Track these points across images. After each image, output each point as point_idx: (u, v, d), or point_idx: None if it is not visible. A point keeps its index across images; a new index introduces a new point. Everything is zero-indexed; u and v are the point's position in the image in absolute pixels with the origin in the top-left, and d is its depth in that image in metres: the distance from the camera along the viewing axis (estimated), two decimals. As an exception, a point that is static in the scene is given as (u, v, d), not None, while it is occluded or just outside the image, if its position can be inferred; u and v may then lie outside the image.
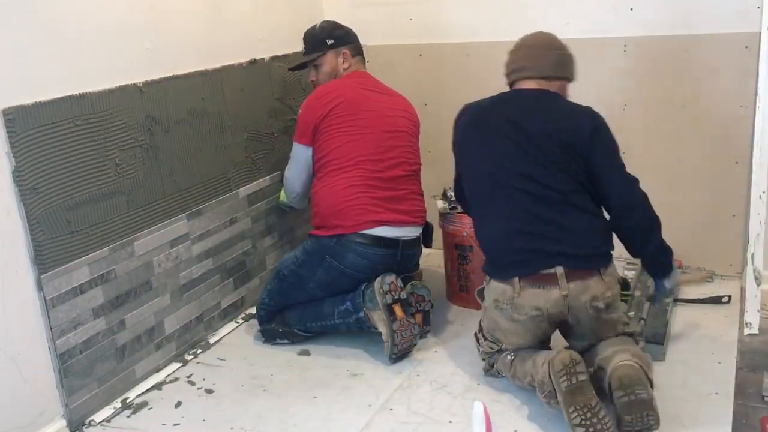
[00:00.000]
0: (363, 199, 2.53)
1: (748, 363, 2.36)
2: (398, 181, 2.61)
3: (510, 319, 2.18)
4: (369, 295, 2.47)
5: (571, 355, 1.98)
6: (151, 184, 2.42)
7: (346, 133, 2.58)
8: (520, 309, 2.15)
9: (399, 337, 2.42)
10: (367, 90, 2.69)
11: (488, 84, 3.19)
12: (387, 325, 2.42)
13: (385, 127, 2.63)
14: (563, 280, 2.10)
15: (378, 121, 2.62)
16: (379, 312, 2.44)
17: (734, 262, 2.92)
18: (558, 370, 1.96)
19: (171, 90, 2.48)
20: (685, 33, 2.83)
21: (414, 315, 2.54)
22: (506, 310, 2.18)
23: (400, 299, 2.46)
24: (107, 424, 2.24)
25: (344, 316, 2.53)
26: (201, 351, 2.66)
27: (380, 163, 2.58)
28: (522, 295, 2.13)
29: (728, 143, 2.87)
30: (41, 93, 2.03)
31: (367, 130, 2.59)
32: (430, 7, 3.23)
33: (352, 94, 2.64)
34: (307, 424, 2.18)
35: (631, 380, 1.94)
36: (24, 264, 2.03)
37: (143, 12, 2.37)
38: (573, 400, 1.92)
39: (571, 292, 2.10)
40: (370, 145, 2.58)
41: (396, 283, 2.46)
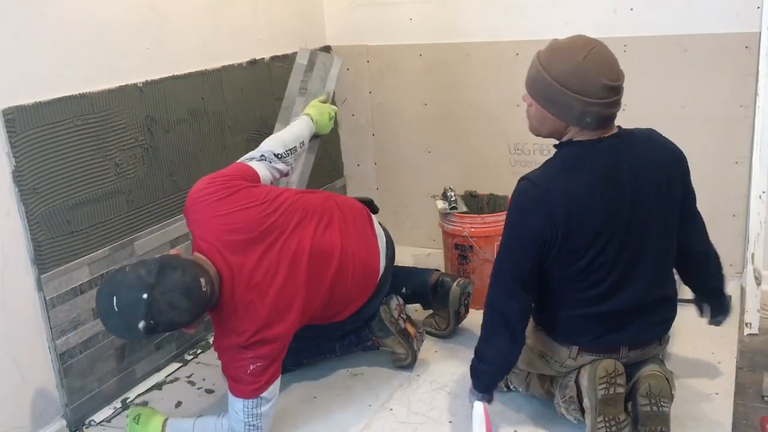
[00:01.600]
0: None
1: (748, 363, 2.36)
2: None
3: (553, 370, 2.09)
4: (377, 325, 2.39)
5: (616, 364, 1.91)
6: (151, 184, 2.42)
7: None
8: (569, 368, 2.04)
9: (419, 351, 2.44)
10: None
11: (488, 84, 3.21)
12: (406, 346, 2.40)
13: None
14: (626, 351, 1.99)
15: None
16: (394, 337, 2.39)
17: (734, 262, 2.91)
18: (600, 376, 1.89)
19: (171, 90, 2.48)
20: (685, 33, 2.83)
21: (460, 310, 2.58)
22: (554, 365, 2.06)
23: (408, 317, 2.45)
24: (107, 424, 2.24)
25: (348, 348, 2.45)
26: (201, 351, 2.66)
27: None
28: (578, 360, 2.01)
29: (728, 143, 2.87)
30: (41, 93, 2.04)
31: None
32: (430, 7, 3.23)
33: None
34: (307, 424, 2.18)
35: (660, 391, 1.92)
36: (24, 264, 2.03)
37: (143, 12, 2.37)
38: (604, 410, 1.88)
39: (629, 359, 2.00)
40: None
41: (399, 304, 2.43)
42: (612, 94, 1.80)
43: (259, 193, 2.08)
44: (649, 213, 1.89)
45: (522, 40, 3.09)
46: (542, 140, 3.08)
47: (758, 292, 2.64)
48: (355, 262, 2.22)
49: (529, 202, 1.86)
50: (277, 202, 2.09)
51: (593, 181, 1.84)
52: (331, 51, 3.39)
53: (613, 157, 1.86)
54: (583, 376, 1.96)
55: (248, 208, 2.01)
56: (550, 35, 3.03)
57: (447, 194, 2.92)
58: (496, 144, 3.26)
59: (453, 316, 2.58)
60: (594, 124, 1.83)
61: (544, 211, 1.83)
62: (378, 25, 3.32)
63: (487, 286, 1.99)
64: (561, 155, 1.91)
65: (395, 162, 3.41)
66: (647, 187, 1.88)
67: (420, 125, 3.37)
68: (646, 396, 1.92)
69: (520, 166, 3.22)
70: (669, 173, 1.93)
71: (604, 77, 1.78)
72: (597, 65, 1.79)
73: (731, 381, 2.25)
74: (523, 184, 1.88)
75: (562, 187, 1.83)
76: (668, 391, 1.94)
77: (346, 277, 2.20)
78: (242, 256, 1.95)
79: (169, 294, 1.74)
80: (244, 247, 1.97)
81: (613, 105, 1.82)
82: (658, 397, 1.91)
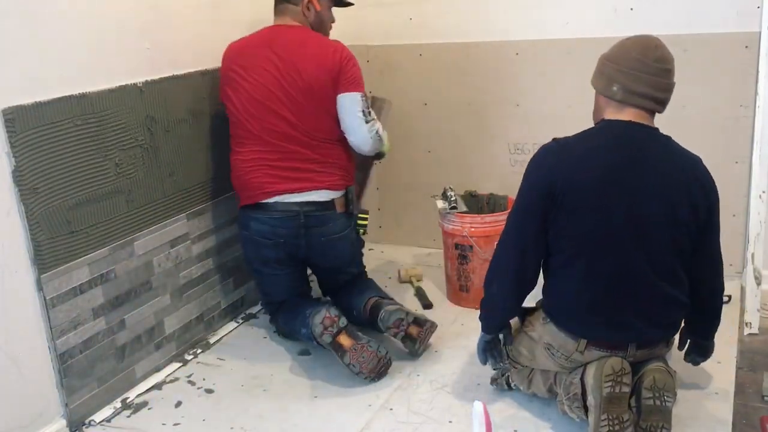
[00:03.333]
0: (258, 172, 2.50)
1: (748, 363, 2.36)
2: (294, 149, 2.49)
3: (557, 365, 2.09)
4: (315, 331, 2.37)
5: (623, 363, 1.91)
6: (151, 184, 2.42)
7: (243, 95, 2.49)
8: (576, 363, 2.05)
9: (357, 367, 2.32)
10: (263, 51, 2.49)
11: (488, 84, 3.21)
12: (340, 358, 2.34)
13: (277, 97, 2.46)
14: (633, 348, 2.00)
15: (268, 94, 2.46)
16: (329, 349, 2.37)
17: (734, 262, 2.91)
18: (607, 374, 1.89)
19: (171, 90, 2.48)
20: (685, 33, 2.83)
21: (408, 333, 2.45)
22: (559, 358, 2.07)
23: (341, 329, 2.35)
24: (107, 424, 2.24)
25: (308, 339, 2.45)
26: (201, 351, 2.66)
27: (272, 134, 2.48)
28: (585, 355, 2.02)
29: (728, 143, 2.87)
30: (41, 93, 2.03)
31: (256, 100, 2.47)
32: (430, 7, 3.23)
33: (247, 53, 2.51)
34: (307, 424, 2.18)
35: (665, 385, 1.92)
36: (24, 264, 2.03)
37: (143, 12, 2.37)
38: (608, 408, 1.88)
39: (637, 358, 2.01)
40: (262, 117, 2.47)
41: (330, 317, 2.34)
42: (641, 67, 1.94)
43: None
44: (657, 205, 1.93)
45: (522, 40, 3.10)
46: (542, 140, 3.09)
47: (758, 292, 2.64)
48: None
49: (542, 155, 2.02)
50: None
51: (606, 145, 1.96)
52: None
53: (632, 135, 1.97)
54: (588, 373, 1.96)
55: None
56: (550, 35, 3.06)
57: (447, 194, 2.92)
58: (496, 144, 3.26)
59: (406, 341, 2.47)
60: (619, 95, 1.95)
61: (552, 161, 1.98)
62: (378, 25, 3.33)
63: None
64: (589, 129, 2.05)
65: (395, 162, 3.41)
66: (661, 180, 1.94)
67: (420, 125, 3.37)
68: (650, 389, 1.92)
69: (520, 166, 3.19)
70: (690, 190, 1.96)
71: (637, 51, 1.94)
72: (637, 43, 1.97)
73: (731, 381, 2.25)
74: (546, 143, 2.04)
75: (574, 146, 1.99)
76: (672, 386, 1.94)
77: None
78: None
79: None
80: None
81: (640, 80, 1.94)
82: (662, 390, 1.92)
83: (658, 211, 1.92)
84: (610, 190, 1.92)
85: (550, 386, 2.12)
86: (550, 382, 2.12)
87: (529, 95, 3.15)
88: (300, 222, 2.51)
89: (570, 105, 3.08)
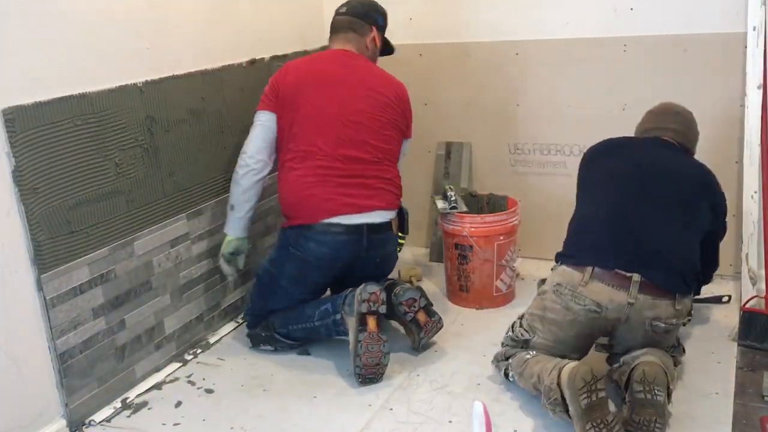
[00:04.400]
0: (318, 189, 2.45)
1: (748, 363, 2.36)
2: (360, 167, 2.50)
3: (565, 308, 2.13)
4: (349, 299, 2.40)
5: (593, 371, 1.92)
6: (151, 184, 2.42)
7: (303, 112, 2.49)
8: (580, 299, 2.10)
9: (363, 348, 2.30)
10: (330, 69, 2.57)
11: (488, 84, 3.21)
12: (354, 333, 2.32)
13: (344, 115, 2.50)
14: (635, 288, 2.05)
15: (337, 108, 2.50)
16: (353, 319, 2.35)
17: (734, 262, 2.92)
18: (579, 387, 1.90)
19: (171, 90, 2.48)
20: (685, 33, 2.83)
21: (416, 316, 2.49)
22: (565, 297, 2.13)
23: (377, 312, 2.35)
24: (107, 424, 2.24)
25: (323, 316, 2.46)
26: (201, 351, 2.66)
27: (338, 149, 2.47)
28: (588, 286, 2.08)
29: (728, 143, 2.87)
30: (41, 93, 2.03)
31: (324, 114, 2.49)
32: (430, 7, 3.23)
33: (314, 73, 2.56)
34: (307, 424, 2.18)
35: (655, 378, 1.93)
36: (24, 264, 2.03)
37: (143, 12, 2.37)
38: (590, 416, 1.89)
39: (639, 303, 2.04)
40: (327, 128, 2.47)
41: (378, 295, 2.36)
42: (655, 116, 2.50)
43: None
44: (674, 168, 2.28)
45: (522, 40, 3.10)
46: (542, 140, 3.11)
47: (754, 292, 2.64)
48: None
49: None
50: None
51: (623, 140, 2.47)
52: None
53: (650, 135, 2.44)
54: (563, 381, 1.96)
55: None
56: (550, 35, 3.06)
57: (447, 194, 2.92)
58: (496, 144, 3.26)
59: (411, 326, 2.50)
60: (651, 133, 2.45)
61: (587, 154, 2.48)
62: (378, 25, 3.32)
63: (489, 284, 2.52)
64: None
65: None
66: (671, 165, 2.29)
67: (420, 125, 3.36)
68: (640, 382, 1.93)
69: (520, 166, 3.22)
70: (700, 181, 2.30)
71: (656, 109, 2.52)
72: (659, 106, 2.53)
73: (731, 381, 2.25)
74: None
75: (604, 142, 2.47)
76: (663, 379, 1.94)
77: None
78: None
79: None
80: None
81: (649, 121, 2.52)
82: (653, 384, 1.92)
83: (672, 183, 2.24)
84: (624, 156, 2.35)
85: (534, 383, 2.11)
86: (534, 380, 2.11)
87: (529, 95, 3.15)
88: (363, 245, 2.48)
89: (570, 105, 3.08)
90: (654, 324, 2.07)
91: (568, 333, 2.16)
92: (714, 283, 2.92)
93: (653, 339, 2.11)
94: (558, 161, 3.16)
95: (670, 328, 2.11)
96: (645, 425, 1.91)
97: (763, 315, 2.48)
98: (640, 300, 2.04)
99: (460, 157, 3.29)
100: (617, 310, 2.07)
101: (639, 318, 2.07)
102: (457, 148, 3.30)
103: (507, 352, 2.30)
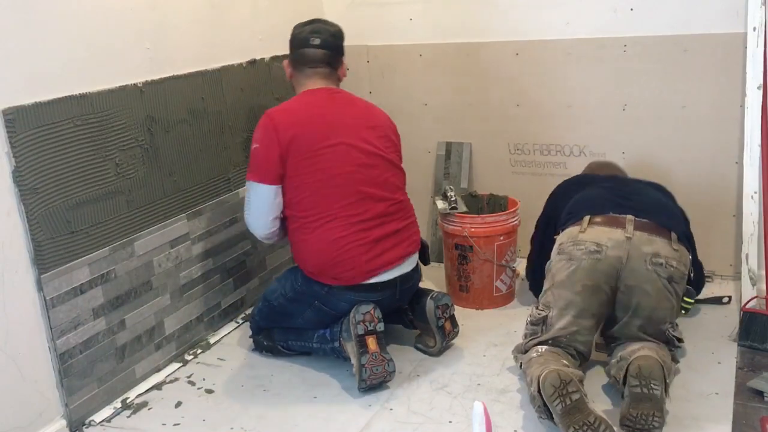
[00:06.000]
0: (354, 251, 2.32)
1: (748, 363, 2.36)
2: (388, 212, 2.41)
3: (568, 259, 2.18)
4: (345, 324, 2.33)
5: (560, 374, 1.91)
6: (151, 184, 2.42)
7: (314, 177, 2.33)
8: (581, 244, 2.18)
9: (368, 372, 2.25)
10: (325, 114, 2.41)
11: (488, 84, 3.21)
12: (357, 357, 2.27)
13: (357, 160, 2.37)
14: (631, 225, 2.17)
15: (347, 157, 2.35)
16: (352, 343, 2.29)
17: (734, 263, 2.92)
18: (549, 394, 1.89)
19: (171, 90, 2.48)
20: (685, 33, 2.83)
21: (444, 324, 2.48)
22: (567, 249, 2.20)
23: (375, 331, 2.29)
24: (107, 424, 2.24)
25: (322, 341, 2.43)
26: (201, 351, 2.66)
27: (362, 204, 2.36)
28: (587, 232, 2.20)
29: (728, 143, 2.87)
30: (41, 93, 2.03)
31: (338, 169, 2.34)
32: (430, 7, 3.23)
33: (309, 125, 2.36)
34: (307, 424, 2.18)
35: (650, 372, 1.93)
36: (24, 264, 2.03)
37: (143, 12, 2.37)
38: (571, 421, 1.87)
39: (636, 238, 2.13)
40: (346, 186, 2.34)
41: (372, 313, 2.29)
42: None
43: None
44: (642, 186, 2.52)
45: (522, 40, 3.10)
46: (542, 140, 3.11)
47: (754, 292, 2.64)
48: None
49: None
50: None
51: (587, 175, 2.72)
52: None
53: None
54: (536, 389, 1.96)
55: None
56: (550, 35, 3.06)
57: (447, 194, 2.92)
58: (496, 144, 3.26)
59: (437, 332, 2.47)
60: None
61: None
62: (378, 25, 3.33)
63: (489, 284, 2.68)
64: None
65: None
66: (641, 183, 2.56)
67: (420, 125, 3.37)
68: (636, 377, 1.93)
69: (520, 166, 3.22)
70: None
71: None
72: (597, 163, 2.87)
73: (731, 381, 2.25)
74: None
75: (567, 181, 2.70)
76: (659, 374, 1.94)
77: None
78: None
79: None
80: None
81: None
82: (648, 378, 1.92)
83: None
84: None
85: (528, 383, 2.10)
86: (527, 380, 2.10)
87: (529, 95, 3.15)
88: (396, 298, 2.45)
89: (570, 105, 3.08)
90: (655, 261, 2.11)
91: (576, 289, 2.16)
92: (714, 283, 2.94)
93: (659, 291, 2.12)
94: (558, 161, 3.15)
95: (671, 272, 2.12)
96: (643, 419, 1.90)
97: (763, 315, 2.48)
98: (637, 235, 2.13)
99: (460, 157, 3.29)
100: (616, 247, 2.13)
101: (639, 254, 2.11)
102: (457, 148, 3.31)
103: (526, 345, 2.28)
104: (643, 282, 2.13)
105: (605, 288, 2.18)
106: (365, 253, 2.34)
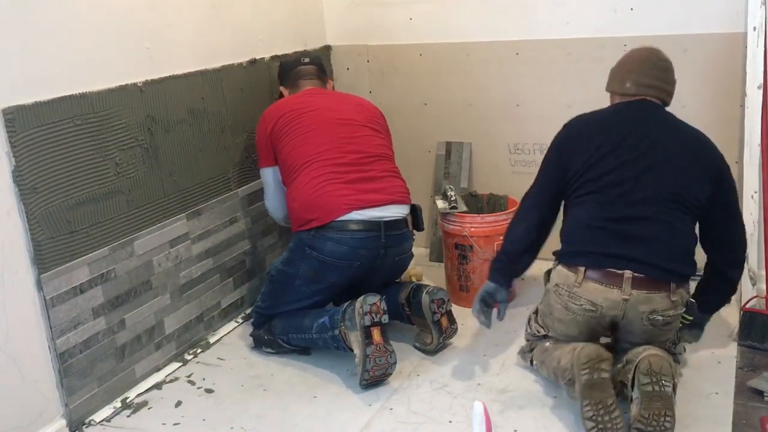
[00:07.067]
0: (330, 187, 2.44)
1: (748, 363, 2.36)
2: (366, 162, 2.54)
3: (564, 308, 2.16)
4: (349, 313, 2.34)
5: (599, 350, 1.96)
6: (151, 184, 2.42)
7: (295, 137, 2.55)
8: (576, 299, 2.12)
9: (372, 363, 2.27)
10: (311, 97, 2.69)
11: (488, 84, 3.21)
12: (361, 348, 2.28)
13: (334, 119, 2.59)
14: (628, 284, 2.05)
15: (325, 116, 2.59)
16: (356, 333, 2.30)
17: (734, 262, 2.91)
18: (582, 363, 1.95)
19: (171, 90, 2.48)
20: (685, 33, 2.83)
21: (440, 320, 2.49)
22: (563, 297, 2.15)
23: (381, 323, 2.31)
24: (107, 423, 2.24)
25: (321, 330, 2.42)
26: (201, 351, 2.66)
27: (339, 149, 2.52)
28: (582, 286, 2.10)
29: (728, 143, 2.85)
30: (41, 93, 2.03)
31: (315, 125, 2.56)
32: (430, 7, 3.23)
33: (293, 104, 2.65)
34: (307, 424, 2.18)
35: (661, 369, 1.93)
36: (24, 264, 2.03)
37: (143, 12, 2.37)
38: (590, 394, 1.93)
39: (633, 298, 2.05)
40: (322, 137, 2.54)
41: (379, 305, 2.31)
42: (648, 64, 2.28)
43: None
44: (663, 155, 2.17)
45: (522, 40, 3.10)
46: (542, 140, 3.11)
47: (754, 292, 2.64)
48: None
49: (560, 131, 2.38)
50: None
51: (611, 111, 2.32)
52: (331, 51, 3.39)
53: (634, 105, 2.27)
54: (569, 361, 2.02)
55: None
56: (550, 35, 3.06)
57: (447, 194, 2.92)
58: (496, 144, 3.26)
59: (433, 328, 2.48)
60: (632, 89, 2.27)
61: (566, 129, 2.36)
62: (378, 25, 3.33)
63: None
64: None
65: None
66: (667, 136, 2.21)
67: (420, 125, 3.37)
68: (647, 374, 1.93)
69: (520, 166, 3.22)
70: (697, 155, 2.22)
71: (643, 54, 2.31)
72: (642, 49, 2.34)
73: (731, 381, 2.26)
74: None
75: (584, 117, 2.35)
76: (669, 370, 1.95)
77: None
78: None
79: None
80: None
81: (648, 74, 2.28)
82: (659, 374, 1.92)
83: (671, 155, 2.17)
84: (612, 134, 2.23)
85: (554, 368, 2.15)
86: (554, 364, 2.16)
87: (529, 95, 3.15)
88: (381, 242, 2.45)
89: (570, 105, 3.08)
90: (651, 318, 2.08)
91: (573, 330, 2.19)
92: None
93: (653, 333, 2.11)
94: (558, 161, 3.15)
95: (668, 320, 2.11)
96: (655, 420, 1.90)
97: (763, 315, 2.48)
98: (634, 295, 2.05)
99: (460, 157, 3.29)
100: (613, 307, 2.08)
101: (636, 313, 2.07)
102: (457, 148, 3.31)
103: (531, 345, 2.36)
104: (640, 332, 2.12)
105: (602, 332, 2.22)
106: (341, 188, 2.45)
